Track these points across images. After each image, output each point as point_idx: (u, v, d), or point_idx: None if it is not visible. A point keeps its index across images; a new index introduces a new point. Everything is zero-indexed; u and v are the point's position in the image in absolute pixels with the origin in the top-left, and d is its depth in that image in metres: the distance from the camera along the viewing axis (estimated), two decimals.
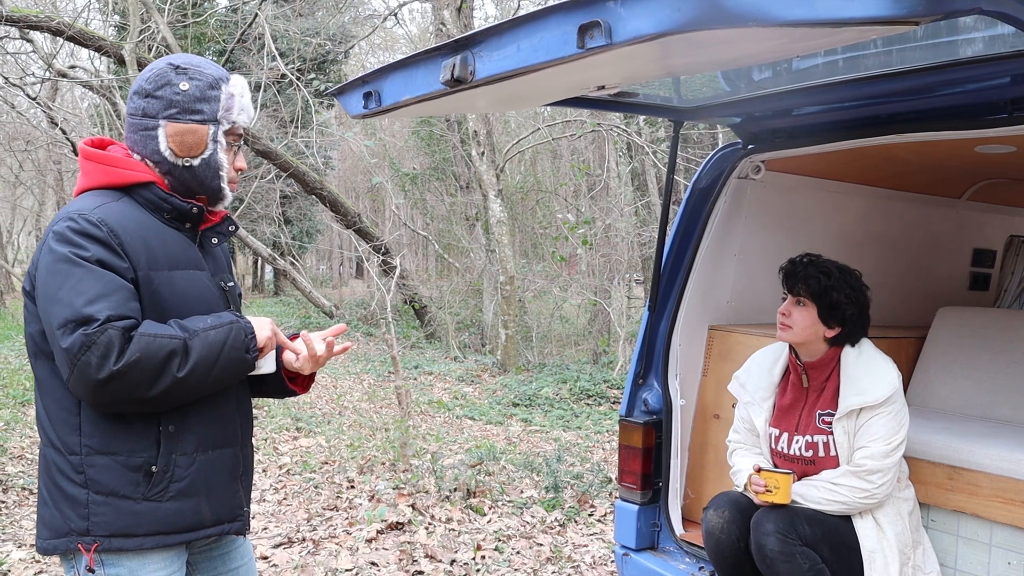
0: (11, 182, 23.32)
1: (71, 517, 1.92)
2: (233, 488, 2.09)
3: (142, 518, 1.92)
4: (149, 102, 1.98)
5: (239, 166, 2.11)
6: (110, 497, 1.90)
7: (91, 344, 1.77)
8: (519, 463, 6.75)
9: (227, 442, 2.07)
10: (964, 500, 2.93)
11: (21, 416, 7.85)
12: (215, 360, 1.90)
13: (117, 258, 1.86)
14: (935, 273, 4.59)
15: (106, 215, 1.89)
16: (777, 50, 2.10)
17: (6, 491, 5.63)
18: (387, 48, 22.92)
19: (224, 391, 2.04)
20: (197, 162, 2.01)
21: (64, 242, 1.84)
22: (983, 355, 3.66)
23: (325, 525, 5.29)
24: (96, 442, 1.90)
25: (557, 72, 1.99)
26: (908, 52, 2.72)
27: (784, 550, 2.73)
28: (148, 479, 1.92)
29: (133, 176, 1.98)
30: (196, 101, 1.98)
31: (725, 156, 3.60)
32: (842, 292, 2.95)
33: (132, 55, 11.81)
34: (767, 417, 3.10)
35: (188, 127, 1.98)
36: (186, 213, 2.02)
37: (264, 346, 2.02)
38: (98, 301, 1.80)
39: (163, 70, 1.99)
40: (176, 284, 1.97)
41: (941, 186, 4.38)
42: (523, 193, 17.21)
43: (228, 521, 2.08)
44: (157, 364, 1.82)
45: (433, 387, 11.35)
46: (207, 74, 2.01)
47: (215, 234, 2.13)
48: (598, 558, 4.84)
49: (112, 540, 1.91)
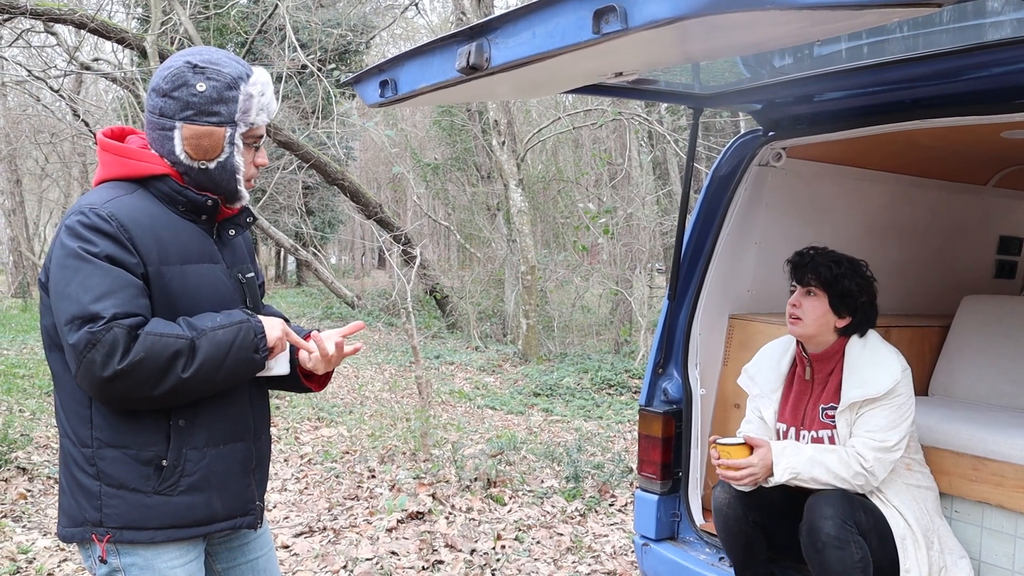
0: (37, 175, 23.55)
1: (86, 507, 1.93)
2: (245, 482, 2.08)
3: (153, 511, 1.92)
4: (166, 102, 1.95)
5: (260, 162, 2.08)
6: (121, 490, 1.91)
7: (96, 342, 1.76)
8: (540, 453, 6.75)
9: (239, 437, 2.06)
10: (989, 491, 2.89)
11: (47, 406, 7.93)
12: (222, 360, 1.89)
13: (127, 253, 1.85)
14: (960, 261, 4.53)
15: (117, 209, 1.87)
16: (797, 34, 2.07)
17: (32, 480, 5.69)
18: (408, 38, 22.89)
19: (237, 387, 2.03)
20: (213, 165, 1.98)
21: (74, 237, 1.84)
22: (1009, 344, 3.61)
23: (346, 514, 5.31)
24: (107, 435, 1.91)
25: (574, 58, 1.96)
26: (934, 36, 2.67)
27: (841, 536, 2.65)
28: (158, 473, 1.92)
29: (148, 168, 1.96)
30: (213, 103, 1.94)
31: (745, 143, 3.56)
32: (853, 280, 2.92)
33: (154, 47, 11.88)
34: (775, 409, 3.07)
35: (204, 130, 1.94)
36: (201, 205, 2.00)
37: (275, 346, 2.01)
38: (105, 298, 1.79)
39: (180, 69, 1.95)
40: (188, 278, 1.95)
41: (966, 173, 4.31)
42: (544, 183, 17.16)
43: (240, 515, 2.07)
44: (162, 364, 1.81)
45: (454, 377, 11.37)
46: (225, 73, 1.95)
47: (232, 226, 2.10)
48: (618, 548, 4.83)
49: (124, 532, 1.92)
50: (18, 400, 7.93)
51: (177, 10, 12.27)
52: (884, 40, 2.79)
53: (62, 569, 4.31)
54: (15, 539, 4.64)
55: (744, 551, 2.95)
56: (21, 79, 15.22)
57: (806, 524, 2.74)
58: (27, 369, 9.51)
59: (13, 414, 7.27)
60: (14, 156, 20.32)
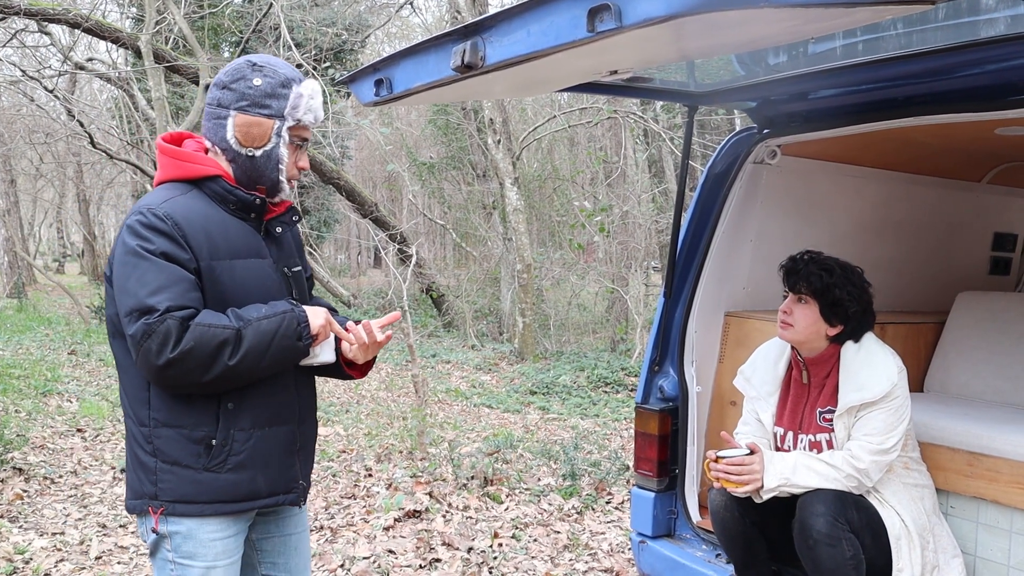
0: (32, 175, 23.53)
1: (144, 482, 2.11)
2: (289, 462, 2.23)
3: (203, 487, 2.09)
4: (224, 93, 2.13)
5: (302, 165, 2.24)
6: (175, 466, 2.08)
7: (151, 332, 1.94)
8: (536, 451, 6.75)
9: (284, 420, 2.20)
10: (984, 486, 2.90)
11: (43, 407, 7.93)
12: (267, 347, 2.04)
13: (180, 250, 2.01)
14: (955, 258, 4.54)
15: (172, 209, 2.04)
16: (791, 31, 2.07)
17: (28, 480, 5.69)
18: (403, 37, 22.86)
19: (284, 373, 2.18)
20: (259, 153, 2.15)
21: (134, 235, 2.01)
22: (1004, 340, 3.62)
23: (343, 513, 5.31)
24: (163, 416, 2.08)
25: (568, 57, 1.97)
26: (928, 33, 2.68)
27: (832, 533, 2.67)
28: (208, 451, 2.08)
29: (201, 170, 2.13)
30: (266, 97, 2.12)
31: (740, 141, 3.57)
32: (844, 289, 2.89)
33: (148, 47, 11.84)
34: (773, 412, 3.07)
35: (255, 119, 2.13)
36: (250, 204, 2.16)
37: (318, 334, 2.15)
38: (160, 292, 1.96)
39: (241, 65, 2.15)
40: (237, 272, 2.11)
41: (961, 170, 4.32)
42: (540, 181, 17.14)
43: (284, 492, 2.23)
44: (210, 352, 1.97)
45: (450, 375, 11.37)
46: (280, 73, 2.14)
47: (279, 223, 2.27)
48: (615, 545, 4.84)
49: (176, 505, 2.09)
50: (14, 400, 7.92)
51: (171, 9, 12.23)
52: (878, 37, 2.80)
53: (59, 569, 4.30)
54: (11, 539, 4.63)
55: (744, 551, 2.96)
56: (15, 79, 15.19)
57: (798, 521, 2.76)
58: (22, 369, 9.50)
59: (9, 414, 7.26)
60: (8, 156, 20.32)
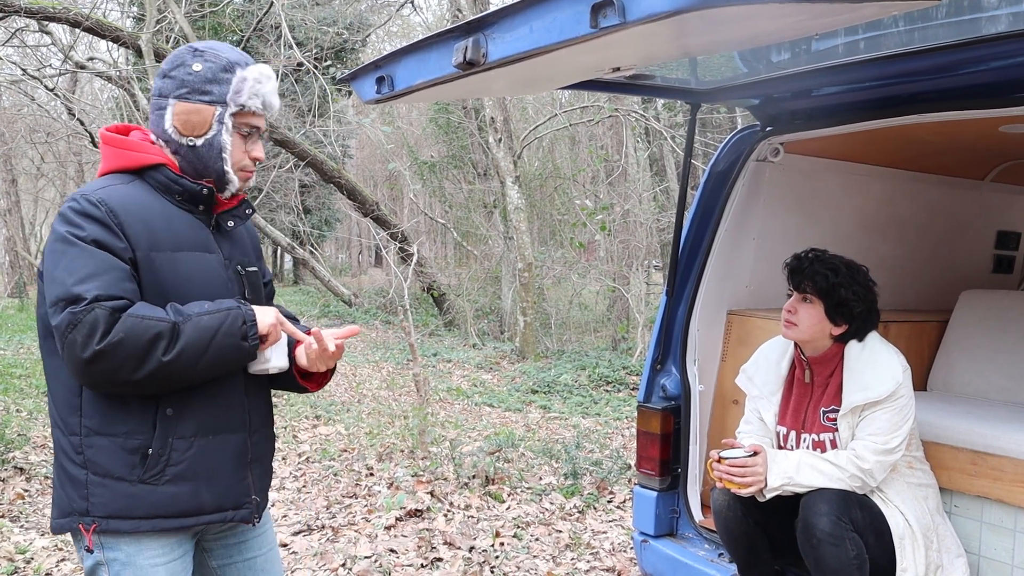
0: (33, 174, 23.52)
1: (74, 497, 1.93)
2: (240, 475, 2.05)
3: (138, 500, 1.91)
4: (165, 82, 2.02)
5: (255, 155, 2.09)
6: (107, 479, 1.91)
7: (77, 323, 1.77)
8: (538, 450, 6.74)
9: (232, 428, 2.03)
10: (988, 485, 2.88)
11: (43, 406, 7.92)
12: (207, 345, 1.87)
13: (114, 238, 1.86)
14: (958, 256, 4.53)
15: (108, 196, 1.90)
16: (796, 28, 2.06)
17: (29, 480, 5.69)
18: (404, 36, 22.84)
19: (231, 377, 2.01)
20: (200, 142, 2.01)
21: (64, 222, 1.87)
22: (1007, 338, 3.61)
23: (344, 512, 5.30)
24: (95, 423, 1.91)
25: (571, 53, 1.95)
26: (931, 30, 2.67)
27: (835, 532, 2.65)
28: (144, 461, 1.91)
29: (144, 159, 2.00)
30: (206, 82, 1.99)
31: (743, 139, 3.56)
32: (850, 289, 2.88)
33: (149, 46, 11.83)
34: (776, 411, 3.06)
35: (194, 107, 2.00)
36: (196, 194, 2.03)
37: (267, 334, 1.99)
38: (88, 280, 1.81)
39: (182, 52, 2.03)
40: (180, 266, 1.96)
41: (964, 167, 4.31)
42: (541, 180, 17.13)
43: (233, 508, 2.05)
44: (142, 345, 1.80)
45: (452, 375, 11.36)
46: (223, 58, 2.02)
47: (231, 217, 2.12)
48: (617, 544, 4.83)
49: (109, 521, 1.91)
50: (15, 400, 7.93)
51: (172, 8, 12.22)
52: (882, 34, 2.78)
53: (60, 569, 4.29)
54: (13, 539, 4.62)
55: (747, 551, 2.95)
56: (16, 78, 15.16)
57: (801, 521, 2.74)
58: (24, 369, 9.50)
59: (10, 414, 7.26)
60: (9, 156, 20.30)
